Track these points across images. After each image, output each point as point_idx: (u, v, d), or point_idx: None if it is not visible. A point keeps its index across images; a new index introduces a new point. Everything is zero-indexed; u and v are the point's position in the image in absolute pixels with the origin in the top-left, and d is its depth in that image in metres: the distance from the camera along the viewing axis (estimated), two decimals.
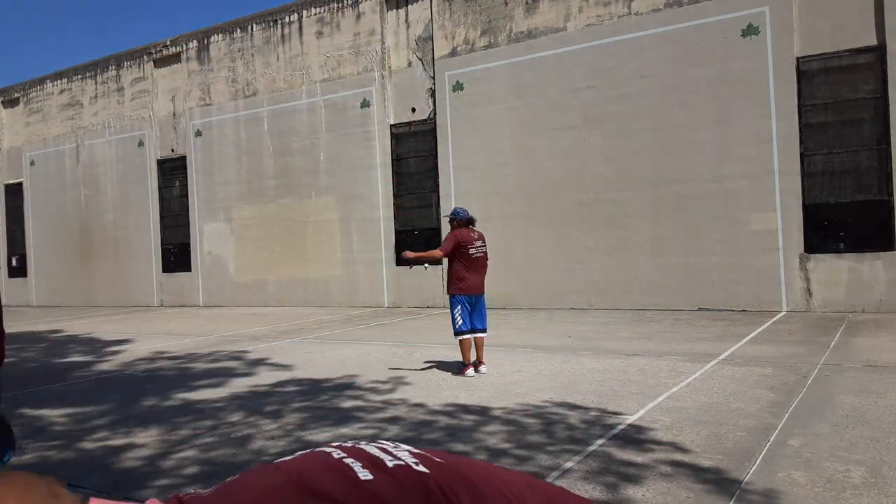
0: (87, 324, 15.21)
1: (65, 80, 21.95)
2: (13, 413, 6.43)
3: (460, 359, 7.50)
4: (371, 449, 0.83)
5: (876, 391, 5.74)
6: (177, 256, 19.38)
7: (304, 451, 0.87)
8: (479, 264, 7.37)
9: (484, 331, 7.41)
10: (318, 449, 0.85)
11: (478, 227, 7.80)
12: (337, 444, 0.87)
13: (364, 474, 0.75)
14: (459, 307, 7.29)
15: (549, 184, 13.65)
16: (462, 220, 7.44)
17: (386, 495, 0.71)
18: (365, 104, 15.95)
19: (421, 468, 0.78)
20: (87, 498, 0.67)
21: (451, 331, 7.46)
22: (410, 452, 0.83)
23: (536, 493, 0.83)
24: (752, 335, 9.11)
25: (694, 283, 12.28)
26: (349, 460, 0.79)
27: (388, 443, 0.88)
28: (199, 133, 18.82)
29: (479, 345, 7.37)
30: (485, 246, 7.46)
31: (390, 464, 0.78)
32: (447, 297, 7.59)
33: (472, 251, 7.30)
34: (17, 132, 23.44)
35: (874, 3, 10.99)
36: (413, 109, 15.48)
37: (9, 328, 14.81)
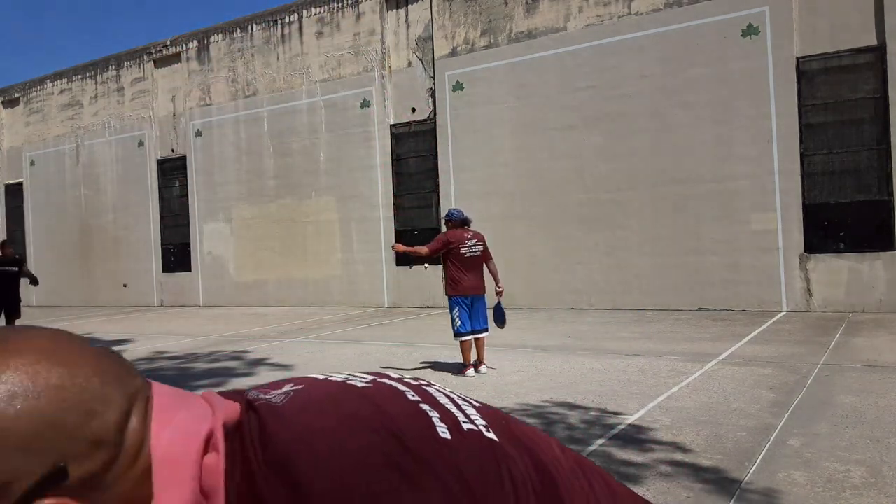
0: (87, 324, 15.21)
1: (65, 80, 21.95)
2: None
3: (460, 359, 7.50)
4: (440, 397, 0.76)
5: (876, 391, 5.74)
6: (177, 256, 19.38)
7: (366, 375, 0.79)
8: (474, 264, 7.32)
9: (484, 331, 7.38)
10: (384, 380, 0.77)
11: (479, 227, 7.79)
12: (397, 376, 0.80)
13: (442, 430, 0.69)
14: (458, 308, 7.28)
15: (549, 184, 13.66)
16: (456, 221, 7.40)
17: (461, 461, 0.65)
18: (365, 104, 15.95)
19: (491, 435, 0.72)
20: (150, 384, 0.64)
21: (451, 331, 7.46)
22: (476, 409, 0.77)
23: (567, 456, 0.80)
24: (752, 335, 9.11)
25: (694, 283, 12.28)
26: (426, 407, 0.72)
27: (446, 389, 0.81)
28: (199, 133, 18.83)
29: (479, 345, 7.35)
30: (481, 245, 7.40)
31: (465, 427, 0.71)
32: (447, 298, 7.57)
33: (463, 251, 7.25)
34: (17, 132, 23.44)
35: (874, 3, 10.99)
36: (413, 109, 15.48)
37: None
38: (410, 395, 0.73)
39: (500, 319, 7.56)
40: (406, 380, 0.79)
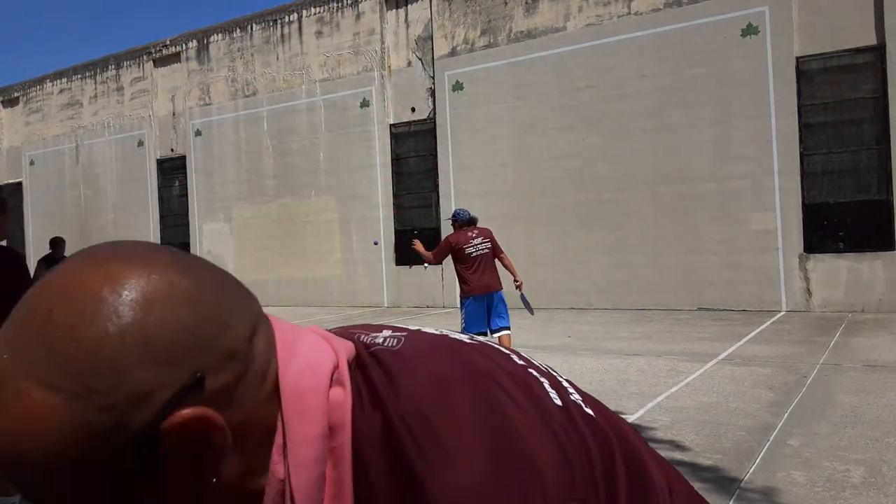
0: None
1: (64, 80, 21.94)
2: None
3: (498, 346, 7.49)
4: (539, 364, 0.75)
5: (875, 391, 5.74)
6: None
7: (460, 333, 0.75)
8: (483, 263, 7.19)
9: (504, 329, 7.23)
10: (488, 342, 0.74)
11: (481, 224, 7.73)
12: (478, 340, 0.76)
13: (554, 396, 0.67)
14: (464, 309, 7.24)
15: (549, 184, 13.66)
16: (462, 221, 7.36)
17: (574, 430, 0.64)
18: (364, 104, 15.95)
19: (589, 410, 0.70)
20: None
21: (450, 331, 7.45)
22: (568, 382, 0.76)
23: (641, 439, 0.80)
24: (751, 335, 9.11)
25: (694, 283, 12.28)
26: (534, 372, 0.70)
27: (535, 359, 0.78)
28: (198, 133, 18.82)
29: (501, 343, 7.26)
30: (488, 241, 7.25)
31: (571, 398, 0.70)
32: (457, 298, 7.59)
33: (468, 250, 7.19)
34: (17, 132, 23.43)
35: (874, 3, 10.99)
36: (413, 109, 15.48)
37: None
38: (516, 358, 0.72)
39: (528, 308, 7.55)
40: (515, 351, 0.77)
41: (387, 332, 0.70)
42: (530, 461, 0.58)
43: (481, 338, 0.75)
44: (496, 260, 7.31)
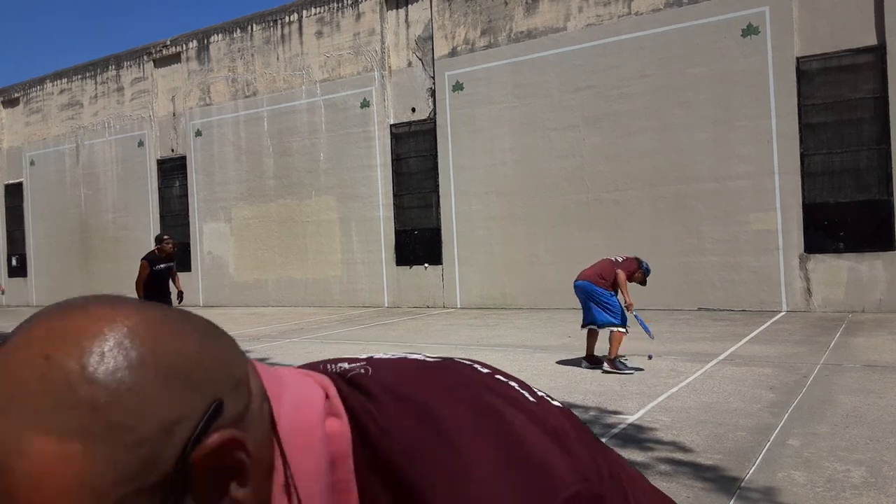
0: None
1: (65, 80, 21.94)
2: None
3: (457, 357, 7.49)
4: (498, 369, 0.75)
5: (876, 391, 5.74)
6: (176, 256, 19.36)
7: (416, 353, 0.75)
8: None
9: (592, 324, 7.36)
10: (455, 360, 0.75)
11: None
12: (433, 358, 0.76)
13: (527, 395, 0.67)
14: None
15: (549, 184, 13.66)
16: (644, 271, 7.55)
17: (556, 423, 0.64)
18: (365, 104, 15.95)
19: (557, 403, 0.71)
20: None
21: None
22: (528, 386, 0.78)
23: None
24: (751, 335, 9.11)
25: (694, 283, 12.28)
26: (500, 377, 0.70)
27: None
28: (198, 133, 18.82)
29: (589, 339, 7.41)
30: (621, 258, 7.91)
31: (539, 393, 0.70)
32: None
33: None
34: (17, 132, 23.43)
35: (874, 3, 10.99)
36: (413, 109, 15.48)
37: (9, 328, 14.82)
38: (479, 367, 0.71)
39: (645, 331, 7.46)
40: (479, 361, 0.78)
41: (344, 365, 0.68)
42: (537, 457, 0.58)
43: (431, 356, 0.75)
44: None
